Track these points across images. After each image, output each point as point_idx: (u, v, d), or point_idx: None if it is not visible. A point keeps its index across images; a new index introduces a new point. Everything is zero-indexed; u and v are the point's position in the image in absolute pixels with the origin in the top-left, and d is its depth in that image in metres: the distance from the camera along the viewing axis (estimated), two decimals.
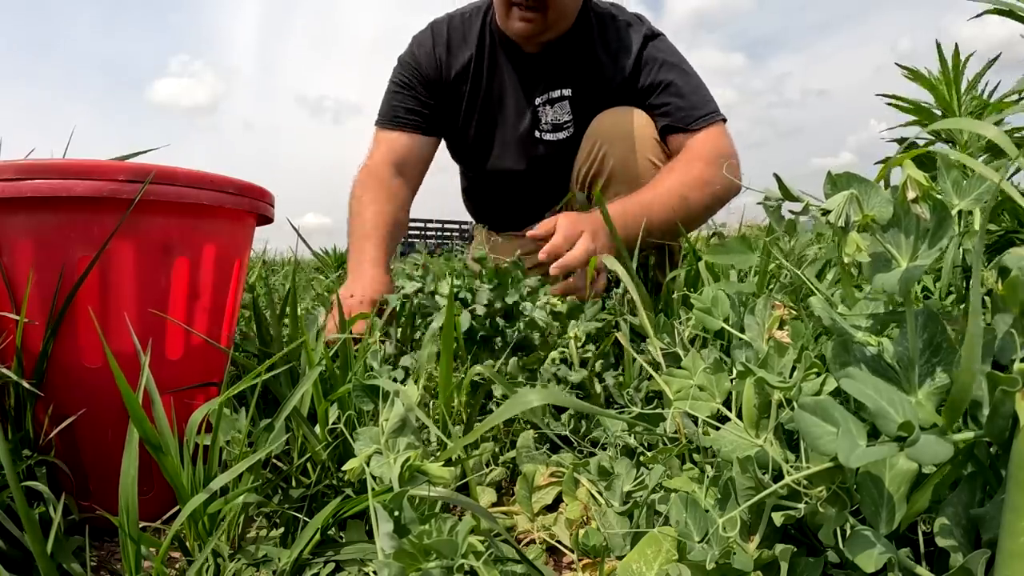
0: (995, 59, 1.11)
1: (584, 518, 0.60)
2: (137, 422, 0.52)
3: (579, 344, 0.86)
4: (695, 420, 0.59)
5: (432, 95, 1.41)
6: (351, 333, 0.77)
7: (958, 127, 0.78)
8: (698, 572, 0.42)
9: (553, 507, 0.65)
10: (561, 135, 1.38)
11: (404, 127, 1.40)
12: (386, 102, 1.43)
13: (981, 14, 0.93)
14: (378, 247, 1.24)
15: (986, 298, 0.40)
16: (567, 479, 0.62)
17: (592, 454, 0.71)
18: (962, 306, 0.57)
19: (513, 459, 0.72)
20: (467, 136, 1.46)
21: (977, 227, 0.54)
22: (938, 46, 1.15)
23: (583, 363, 0.86)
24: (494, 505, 0.66)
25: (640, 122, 1.29)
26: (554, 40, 1.34)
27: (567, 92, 1.36)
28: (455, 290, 0.92)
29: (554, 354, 0.86)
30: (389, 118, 1.41)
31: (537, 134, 1.39)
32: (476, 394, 0.77)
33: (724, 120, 1.30)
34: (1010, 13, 0.86)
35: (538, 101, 1.38)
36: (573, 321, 0.91)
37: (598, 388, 0.82)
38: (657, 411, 0.65)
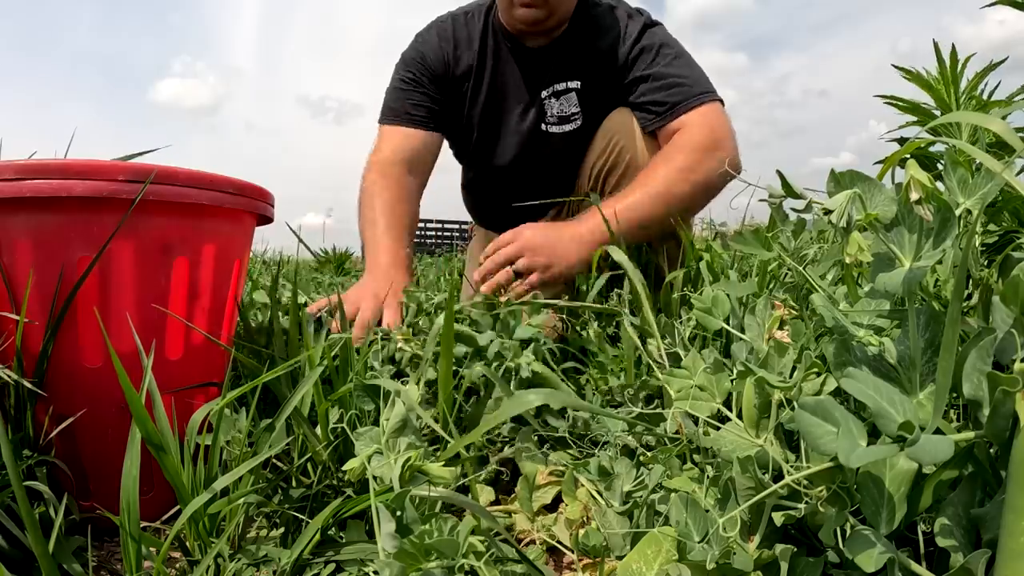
0: (1001, 61, 1.11)
1: (584, 518, 0.60)
2: (140, 421, 0.52)
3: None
4: (695, 420, 0.60)
5: (439, 90, 1.40)
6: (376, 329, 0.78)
7: (962, 121, 0.78)
8: (698, 572, 0.43)
9: (552, 506, 0.65)
10: (568, 127, 1.38)
11: (411, 123, 1.39)
12: (391, 99, 1.42)
13: (992, 3, 0.93)
14: (395, 243, 1.23)
15: (995, 298, 0.40)
16: (567, 479, 0.62)
17: (591, 453, 0.71)
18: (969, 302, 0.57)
19: (510, 456, 0.72)
20: (471, 133, 1.45)
21: (977, 227, 0.54)
22: (936, 46, 1.15)
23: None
24: (492, 503, 0.66)
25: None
26: (557, 33, 1.34)
27: (574, 84, 1.35)
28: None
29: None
30: (395, 115, 1.40)
31: (543, 127, 1.39)
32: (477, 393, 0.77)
33: (717, 100, 1.26)
34: (1019, 5, 0.87)
35: (544, 94, 1.37)
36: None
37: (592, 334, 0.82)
38: (657, 411, 0.65)
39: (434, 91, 1.39)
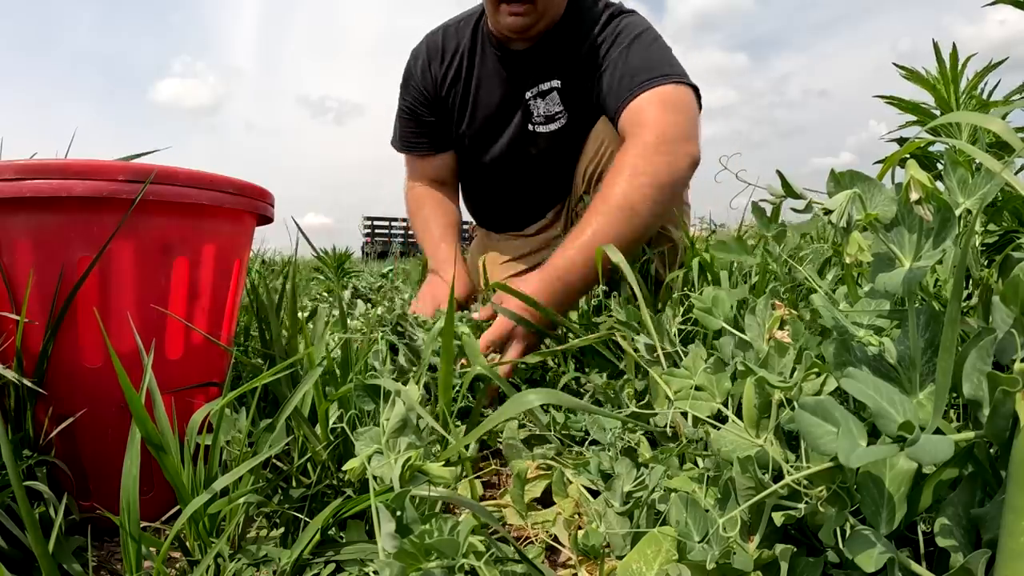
0: (1001, 61, 1.11)
1: (577, 514, 0.60)
2: (140, 421, 0.52)
3: None
4: (683, 415, 0.60)
5: (432, 112, 1.48)
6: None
7: (962, 121, 0.78)
8: (698, 572, 0.43)
9: (542, 500, 0.65)
10: (554, 126, 1.39)
11: (419, 150, 1.54)
12: (397, 128, 1.55)
13: (992, 3, 0.93)
14: (450, 248, 1.47)
15: (995, 298, 0.40)
16: (556, 479, 0.63)
17: (570, 447, 0.72)
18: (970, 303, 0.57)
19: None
20: (463, 138, 1.48)
21: (977, 227, 0.54)
22: (935, 46, 1.14)
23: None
24: (481, 498, 0.67)
25: None
26: (542, 35, 1.34)
27: (555, 83, 1.36)
28: None
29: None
30: (404, 144, 1.55)
31: (530, 127, 1.40)
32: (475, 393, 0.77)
33: (672, 81, 1.16)
34: (1020, 4, 0.87)
35: (528, 95, 1.38)
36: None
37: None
38: (652, 411, 0.65)
39: (427, 114, 1.48)
